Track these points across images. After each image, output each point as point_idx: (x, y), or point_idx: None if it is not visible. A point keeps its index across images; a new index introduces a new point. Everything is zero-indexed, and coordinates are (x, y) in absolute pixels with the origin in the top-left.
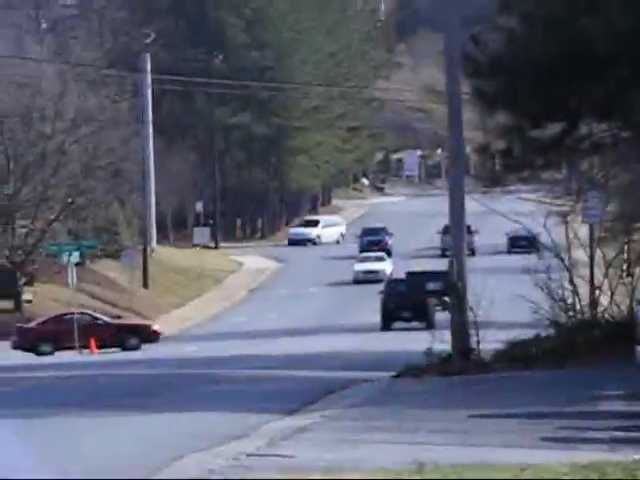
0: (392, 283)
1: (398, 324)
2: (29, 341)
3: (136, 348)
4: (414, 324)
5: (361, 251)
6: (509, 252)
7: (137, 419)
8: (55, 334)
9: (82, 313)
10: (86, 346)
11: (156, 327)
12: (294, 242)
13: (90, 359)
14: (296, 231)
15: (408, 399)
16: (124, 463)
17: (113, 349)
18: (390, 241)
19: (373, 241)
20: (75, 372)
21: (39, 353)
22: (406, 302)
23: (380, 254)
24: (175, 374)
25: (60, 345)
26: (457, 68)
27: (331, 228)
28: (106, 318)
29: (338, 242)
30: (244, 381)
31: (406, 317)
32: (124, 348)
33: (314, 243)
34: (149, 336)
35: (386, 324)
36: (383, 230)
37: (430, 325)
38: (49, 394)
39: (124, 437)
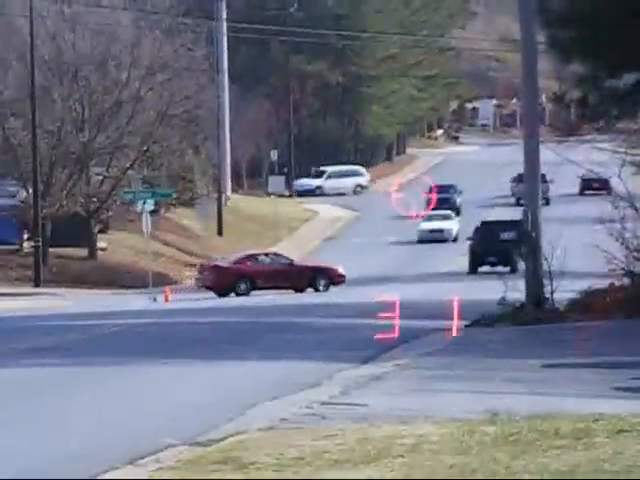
0: (480, 229)
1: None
2: (226, 280)
3: (325, 290)
4: (499, 268)
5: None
6: (581, 194)
7: (212, 367)
8: (252, 274)
9: (275, 254)
10: (281, 287)
11: (342, 270)
12: (300, 193)
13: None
14: (301, 182)
15: (481, 348)
16: (196, 412)
17: (308, 289)
18: (459, 199)
19: (441, 199)
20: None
21: (238, 293)
22: (493, 248)
23: (447, 212)
24: (249, 322)
25: (257, 285)
26: (532, 17)
27: (343, 179)
28: (294, 260)
29: (355, 193)
30: (318, 330)
31: (492, 262)
32: (316, 290)
33: (317, 194)
34: (336, 279)
35: (473, 268)
36: (452, 188)
37: (513, 270)
38: (112, 343)
39: (199, 385)
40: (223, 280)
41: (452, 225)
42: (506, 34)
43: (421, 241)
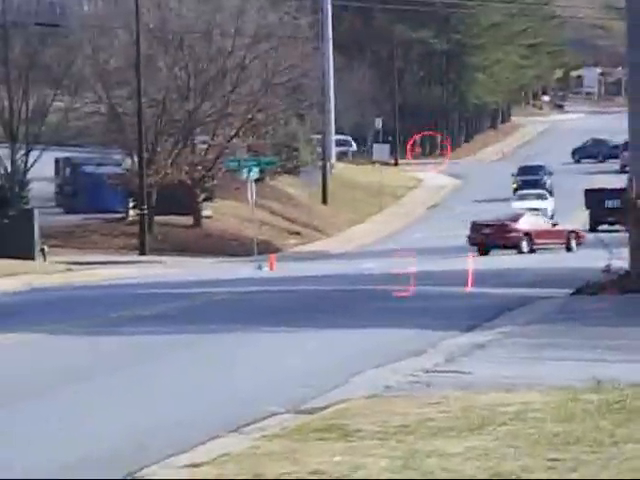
0: (593, 193)
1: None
2: (512, 239)
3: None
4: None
5: (515, 192)
6: None
7: (316, 334)
8: (532, 233)
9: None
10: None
11: (583, 233)
12: None
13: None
14: None
15: (586, 316)
16: (300, 380)
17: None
18: (549, 181)
19: (529, 181)
20: (254, 287)
21: (521, 251)
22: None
23: (541, 191)
24: (350, 290)
25: (535, 243)
26: None
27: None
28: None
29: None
30: (422, 298)
31: (610, 221)
32: (568, 249)
33: None
34: (580, 239)
35: (594, 227)
36: (542, 169)
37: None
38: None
39: (303, 353)
40: (508, 238)
41: (547, 204)
42: (611, 2)
43: None
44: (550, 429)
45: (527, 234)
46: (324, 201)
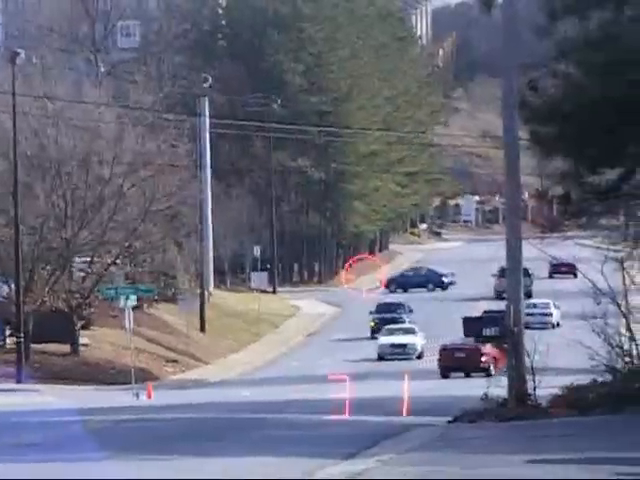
0: (471, 321)
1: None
2: None
3: None
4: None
5: (372, 333)
6: (550, 277)
7: (191, 463)
8: None
9: None
10: None
11: None
12: None
13: None
14: None
15: (465, 444)
16: None
17: None
18: (408, 319)
19: (387, 320)
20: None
21: None
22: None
23: (410, 325)
24: (228, 418)
25: None
26: (514, 113)
27: None
28: None
29: None
30: (299, 426)
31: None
32: None
33: None
34: None
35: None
36: (401, 306)
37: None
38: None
39: None
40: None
41: (416, 340)
42: (488, 130)
43: (382, 358)
44: None
45: (494, 358)
46: (202, 329)
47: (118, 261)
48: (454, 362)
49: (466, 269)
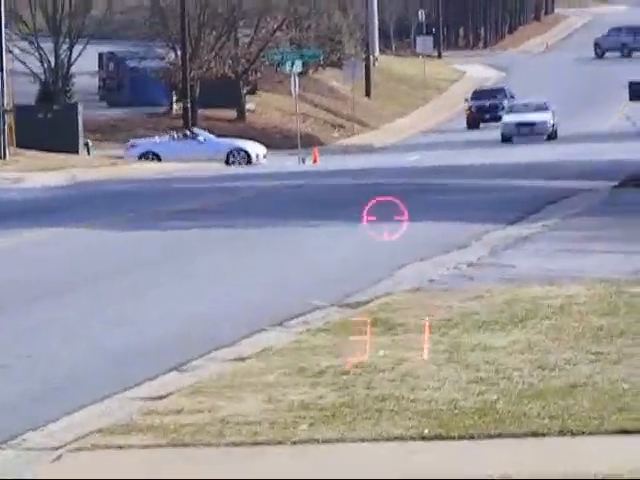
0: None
1: None
2: None
3: None
4: None
5: (467, 124)
6: None
7: (359, 228)
8: None
9: None
10: None
11: None
12: None
13: None
14: None
15: (630, 209)
16: (343, 273)
17: None
18: (506, 105)
19: (484, 107)
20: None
21: None
22: None
23: (542, 101)
24: (398, 183)
25: None
26: None
27: None
28: None
29: None
30: (466, 191)
31: None
32: None
33: None
34: None
35: None
36: (501, 92)
37: None
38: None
39: (346, 246)
40: None
41: (546, 117)
42: None
43: (506, 139)
44: (594, 322)
45: None
46: (367, 94)
47: (284, 27)
48: None
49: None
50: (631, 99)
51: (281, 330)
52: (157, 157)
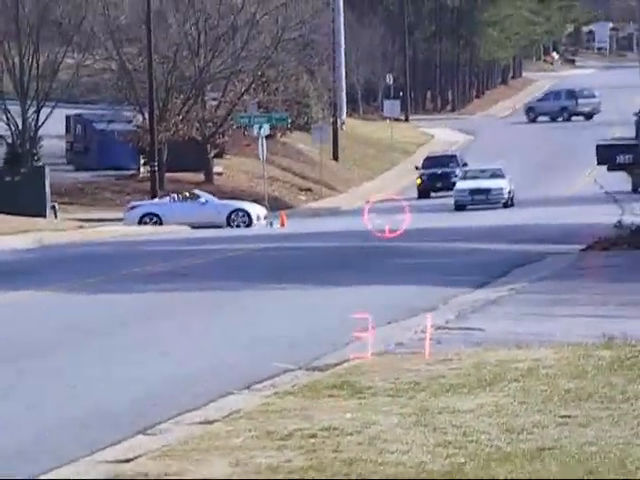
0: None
1: None
2: None
3: None
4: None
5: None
6: None
7: (325, 292)
8: None
9: None
10: None
11: None
12: None
13: None
14: None
15: (597, 272)
16: (311, 337)
17: None
18: (459, 173)
19: (436, 175)
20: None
21: None
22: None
23: (497, 167)
24: (364, 247)
25: None
26: None
27: None
28: None
29: None
30: (431, 254)
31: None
32: None
33: None
34: None
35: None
36: (453, 159)
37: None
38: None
39: (314, 310)
40: None
41: (502, 184)
42: None
43: (460, 207)
44: (562, 385)
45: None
46: (335, 157)
47: (251, 90)
48: None
49: (604, 95)
50: (599, 163)
51: (248, 393)
52: (158, 219)
